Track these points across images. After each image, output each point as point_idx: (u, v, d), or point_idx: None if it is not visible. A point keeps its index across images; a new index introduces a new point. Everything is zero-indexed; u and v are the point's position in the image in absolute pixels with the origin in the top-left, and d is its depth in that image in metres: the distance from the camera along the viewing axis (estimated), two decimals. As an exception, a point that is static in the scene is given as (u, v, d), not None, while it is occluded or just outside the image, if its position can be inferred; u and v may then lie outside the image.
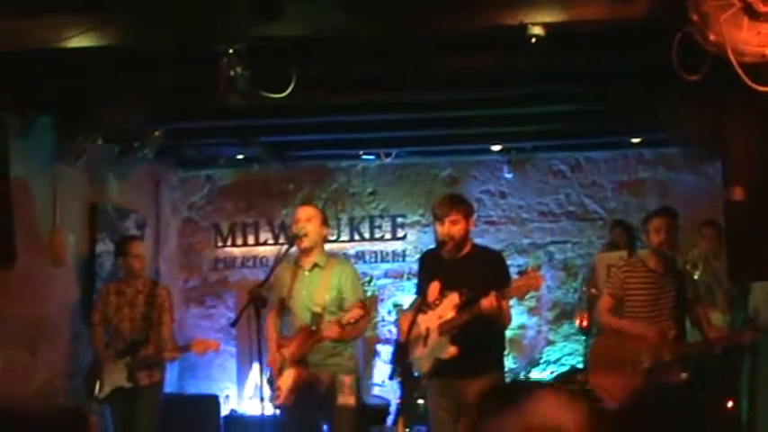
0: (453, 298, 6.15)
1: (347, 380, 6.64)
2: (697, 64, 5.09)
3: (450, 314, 6.13)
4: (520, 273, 5.88)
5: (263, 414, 6.67)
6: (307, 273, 6.82)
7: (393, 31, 5.90)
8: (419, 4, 5.38)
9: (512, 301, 6.29)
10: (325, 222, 6.97)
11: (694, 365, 6.91)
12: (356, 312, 6.42)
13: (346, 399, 6.62)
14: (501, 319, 6.06)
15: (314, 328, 6.62)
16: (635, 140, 10.36)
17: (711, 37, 4.68)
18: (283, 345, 6.80)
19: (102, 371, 7.94)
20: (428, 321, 6.27)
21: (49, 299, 8.25)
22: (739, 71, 4.61)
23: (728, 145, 5.64)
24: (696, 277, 7.93)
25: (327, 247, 10.44)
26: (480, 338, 6.02)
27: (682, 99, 6.91)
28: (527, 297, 6.25)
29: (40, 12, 5.29)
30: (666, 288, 6.78)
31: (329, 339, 6.55)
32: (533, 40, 5.29)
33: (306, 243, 6.74)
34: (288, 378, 6.61)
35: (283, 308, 6.96)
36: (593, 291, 9.44)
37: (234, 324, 6.42)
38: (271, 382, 6.75)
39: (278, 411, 6.94)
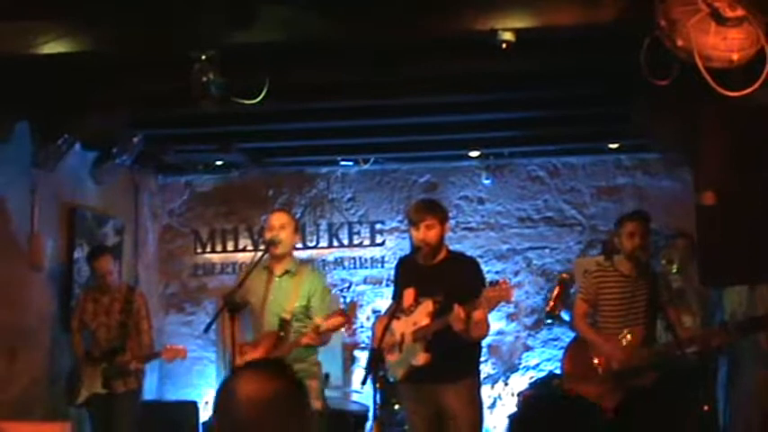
0: (428, 305, 6.15)
1: (313, 384, 6.63)
2: (668, 69, 5.13)
3: (424, 321, 6.12)
4: (491, 283, 5.87)
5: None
6: (277, 279, 6.82)
7: (366, 36, 5.92)
8: (392, 10, 5.40)
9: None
10: (296, 230, 7.00)
11: (669, 369, 6.93)
12: (338, 320, 6.40)
13: (314, 403, 6.61)
14: (474, 332, 5.96)
15: (282, 334, 6.62)
16: (613, 146, 10.39)
17: (679, 42, 4.71)
18: (246, 350, 6.77)
19: (80, 377, 7.96)
20: (403, 327, 6.27)
21: (27, 305, 8.23)
22: (706, 76, 4.65)
23: (699, 150, 5.68)
24: (674, 271, 7.97)
25: (307, 253, 10.57)
26: (454, 345, 5.98)
27: (654, 104, 6.96)
28: (500, 305, 6.19)
29: (13, 17, 5.29)
30: (639, 292, 6.79)
31: (306, 345, 6.56)
32: (504, 45, 5.32)
33: (279, 250, 6.75)
34: None
35: (246, 312, 6.94)
36: (564, 275, 9.47)
37: (207, 329, 6.42)
38: None
39: None
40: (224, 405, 2.60)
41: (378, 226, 11.24)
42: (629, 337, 6.74)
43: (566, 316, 10.01)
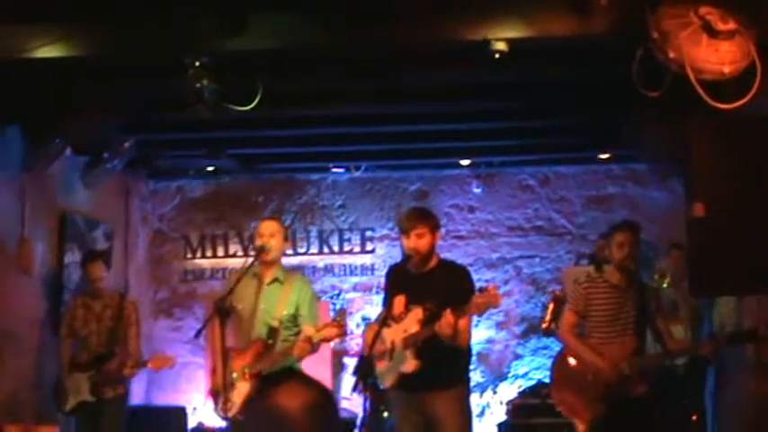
0: (418, 312, 6.12)
1: None
2: (660, 80, 5.15)
3: (414, 328, 6.10)
4: (479, 290, 5.87)
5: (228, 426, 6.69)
6: (267, 286, 6.80)
7: (358, 45, 5.93)
8: (384, 18, 5.40)
9: (476, 318, 6.27)
10: (286, 238, 6.98)
11: (658, 379, 6.95)
12: (332, 331, 6.37)
13: None
14: (456, 340, 5.96)
15: (270, 342, 6.61)
16: (603, 156, 10.41)
17: (671, 54, 4.74)
18: (234, 356, 6.73)
19: (67, 384, 7.93)
20: (393, 335, 6.25)
21: (16, 309, 8.19)
22: (698, 88, 4.67)
23: (690, 161, 5.69)
24: (665, 286, 7.98)
25: (297, 259, 10.57)
26: (444, 352, 5.98)
27: (646, 115, 6.97)
28: (490, 314, 6.19)
29: (7, 21, 5.29)
30: (628, 302, 6.80)
31: (299, 357, 6.54)
32: (497, 55, 5.32)
33: (268, 258, 6.75)
34: (242, 391, 6.56)
35: (232, 317, 6.90)
36: (557, 293, 9.45)
37: (197, 335, 6.40)
38: (216, 393, 6.69)
39: (225, 423, 6.89)
40: (271, 421, 2.55)
41: (368, 233, 11.25)
42: (613, 350, 6.76)
43: None
